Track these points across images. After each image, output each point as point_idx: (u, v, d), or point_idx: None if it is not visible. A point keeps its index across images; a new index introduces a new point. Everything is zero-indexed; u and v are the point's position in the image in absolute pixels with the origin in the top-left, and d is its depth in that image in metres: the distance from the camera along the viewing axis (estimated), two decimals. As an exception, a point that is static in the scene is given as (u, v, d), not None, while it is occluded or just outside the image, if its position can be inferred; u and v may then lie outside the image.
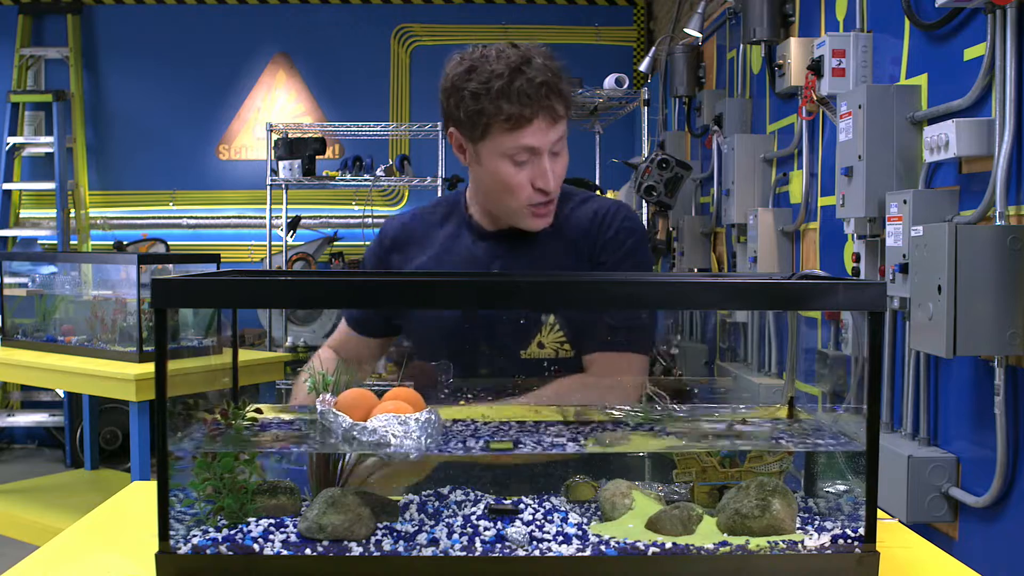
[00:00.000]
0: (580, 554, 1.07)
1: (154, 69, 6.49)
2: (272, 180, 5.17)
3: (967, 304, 2.13)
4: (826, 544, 1.09)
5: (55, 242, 6.33)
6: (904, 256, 2.43)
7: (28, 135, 6.46)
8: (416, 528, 1.13)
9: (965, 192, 2.41)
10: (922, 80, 2.63)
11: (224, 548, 1.08)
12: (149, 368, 3.29)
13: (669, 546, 1.08)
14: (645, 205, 4.32)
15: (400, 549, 1.08)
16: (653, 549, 1.08)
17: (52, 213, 6.35)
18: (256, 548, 1.08)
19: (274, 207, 5.32)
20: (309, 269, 5.76)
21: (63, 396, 6.02)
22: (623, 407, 1.33)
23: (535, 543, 1.09)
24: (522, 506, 1.19)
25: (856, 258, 2.81)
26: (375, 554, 1.08)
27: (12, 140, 6.30)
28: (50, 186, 6.25)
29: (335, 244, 6.23)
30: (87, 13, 6.52)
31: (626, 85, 4.63)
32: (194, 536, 1.10)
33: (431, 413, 1.13)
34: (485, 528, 1.12)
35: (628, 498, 1.17)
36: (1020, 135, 2.17)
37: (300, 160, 5.11)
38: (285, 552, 1.08)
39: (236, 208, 6.55)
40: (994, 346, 2.14)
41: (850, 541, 1.10)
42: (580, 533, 1.11)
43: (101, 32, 6.54)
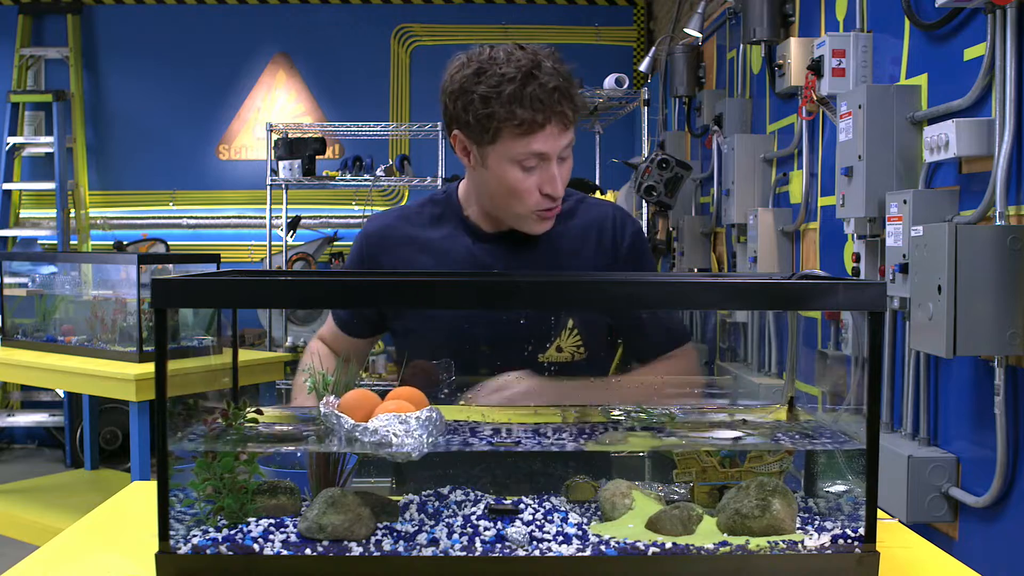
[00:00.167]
0: (580, 554, 1.07)
1: (154, 69, 6.49)
2: (272, 180, 5.17)
3: (967, 304, 2.13)
4: (826, 544, 1.09)
5: (55, 242, 6.33)
6: (904, 256, 2.43)
7: (28, 135, 6.46)
8: (416, 528, 1.13)
9: (965, 192, 2.41)
10: (922, 80, 2.63)
11: (224, 548, 1.08)
12: (149, 368, 3.29)
13: (669, 546, 1.08)
14: (645, 205, 4.32)
15: (400, 549, 1.08)
16: (653, 549, 1.08)
17: (52, 213, 6.35)
18: (256, 548, 1.08)
19: (274, 207, 5.32)
20: (309, 269, 5.76)
21: (63, 396, 6.02)
22: (629, 407, 1.33)
23: (535, 543, 1.09)
24: (522, 506, 1.19)
25: (856, 258, 2.81)
26: (375, 554, 1.08)
27: (12, 140, 6.30)
28: (50, 186, 6.25)
29: (335, 244, 6.23)
30: (87, 13, 6.52)
31: (626, 85, 4.63)
32: (194, 536, 1.10)
33: (432, 411, 1.13)
34: (485, 528, 1.12)
35: (628, 498, 1.17)
36: (1020, 135, 2.17)
37: (300, 160, 5.11)
38: (285, 552, 1.08)
39: (236, 208, 6.55)
40: (994, 346, 2.14)
41: (850, 541, 1.10)
42: (580, 533, 1.11)
43: (101, 32, 6.54)
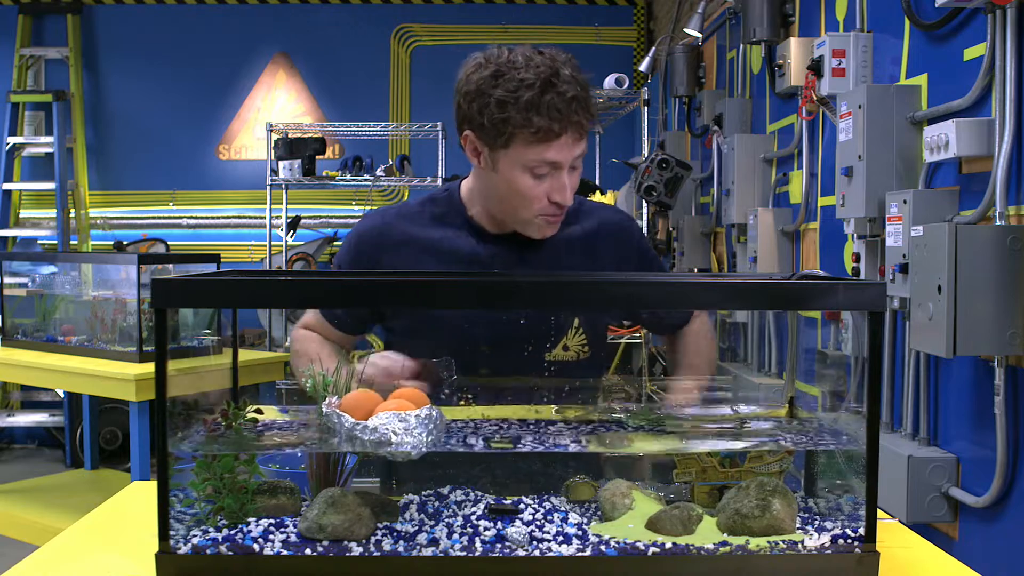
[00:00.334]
0: (580, 554, 1.07)
1: (154, 69, 6.49)
2: (272, 180, 5.17)
3: (967, 304, 2.13)
4: (826, 544, 1.09)
5: (55, 242, 6.33)
6: (904, 256, 2.43)
7: (28, 135, 6.46)
8: (416, 528, 1.13)
9: (965, 192, 2.41)
10: (922, 80, 2.63)
11: (224, 548, 1.08)
12: (149, 368, 3.29)
13: (669, 546, 1.08)
14: (645, 205, 4.32)
15: (400, 549, 1.08)
16: (653, 549, 1.08)
17: (52, 213, 6.35)
18: (256, 548, 1.08)
19: (274, 207, 5.32)
20: (309, 269, 5.76)
21: (63, 396, 6.02)
22: (627, 406, 1.33)
23: (535, 543, 1.09)
24: (522, 506, 1.19)
25: (856, 258, 2.81)
26: (375, 554, 1.08)
27: (12, 140, 6.30)
28: (50, 186, 6.25)
29: (335, 244, 6.23)
30: (87, 13, 6.52)
31: (626, 85, 4.63)
32: (194, 536, 1.10)
33: (432, 410, 1.13)
34: (485, 528, 1.12)
35: (628, 498, 1.17)
36: (1020, 135, 2.17)
37: (300, 160, 5.11)
38: (285, 552, 1.08)
39: (236, 208, 6.55)
40: (994, 346, 2.14)
41: (850, 541, 1.10)
42: (580, 533, 1.11)
43: (101, 32, 6.54)
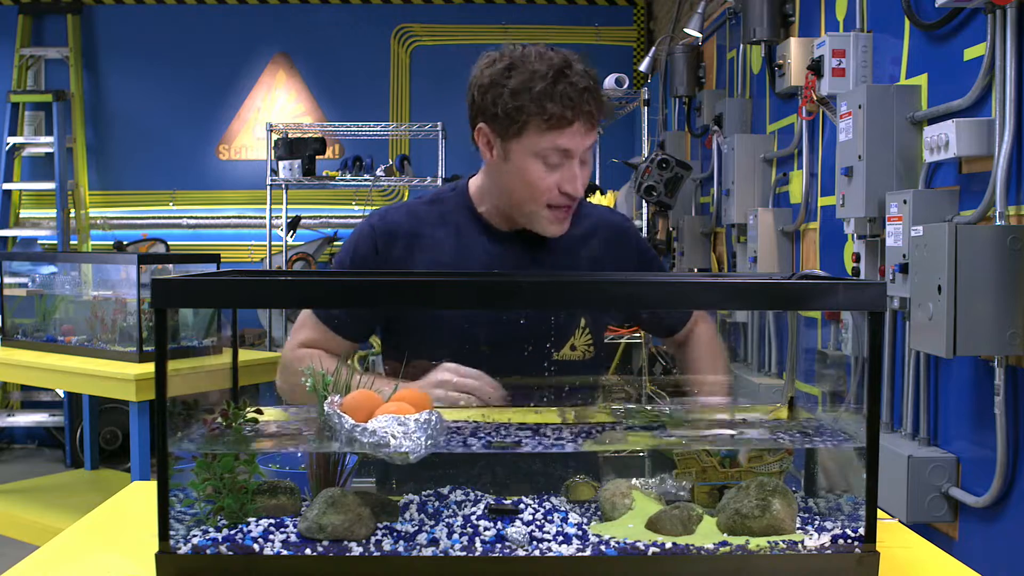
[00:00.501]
0: (580, 554, 1.07)
1: (154, 69, 6.49)
2: (272, 180, 5.17)
3: (967, 304, 2.13)
4: (826, 544, 1.09)
5: (55, 242, 6.33)
6: (904, 256, 2.43)
7: (28, 135, 6.46)
8: (416, 528, 1.13)
9: (965, 192, 2.41)
10: (922, 80, 2.63)
11: (224, 548, 1.08)
12: (149, 368, 3.29)
13: (669, 546, 1.08)
14: (645, 205, 4.32)
15: (400, 549, 1.08)
16: (653, 549, 1.08)
17: (52, 213, 6.35)
18: (256, 548, 1.08)
19: (274, 207, 5.32)
20: (309, 269, 5.76)
21: (63, 396, 6.02)
22: (627, 406, 1.33)
23: (535, 543, 1.09)
24: (522, 506, 1.19)
25: (856, 258, 2.81)
26: (375, 554, 1.08)
27: (12, 140, 6.30)
28: (50, 186, 6.25)
29: (335, 244, 6.23)
30: (87, 13, 6.52)
31: (626, 85, 4.63)
32: (194, 536, 1.10)
33: (431, 414, 1.12)
34: (485, 528, 1.12)
35: (628, 498, 1.17)
36: (1020, 135, 2.17)
37: (300, 160, 5.11)
38: (285, 552, 1.08)
39: (236, 208, 6.55)
40: (994, 346, 2.14)
41: (850, 541, 1.10)
42: (580, 533, 1.11)
43: (101, 32, 6.54)
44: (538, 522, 1.14)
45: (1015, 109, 2.17)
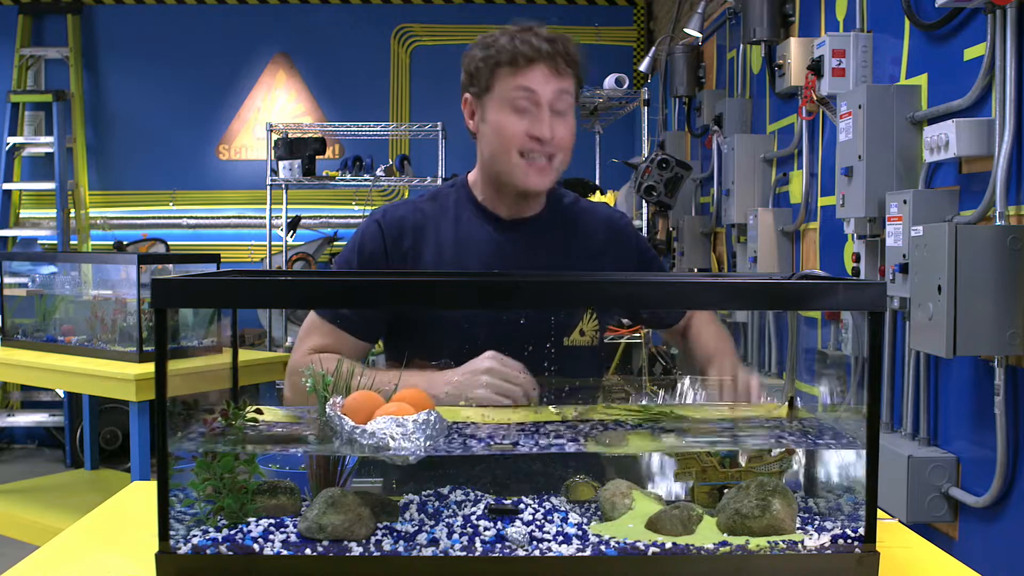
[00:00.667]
0: (580, 554, 1.07)
1: (154, 69, 6.49)
2: (272, 180, 5.17)
3: (967, 304, 2.13)
4: (826, 544, 1.09)
5: (55, 242, 6.33)
6: (904, 256, 2.43)
7: (28, 135, 6.46)
8: (416, 528, 1.13)
9: (965, 192, 2.41)
10: (922, 80, 2.63)
11: (224, 548, 1.08)
12: (149, 368, 3.29)
13: (669, 546, 1.08)
14: (645, 205, 4.32)
15: (400, 549, 1.08)
16: (653, 549, 1.08)
17: (52, 213, 6.35)
18: (256, 548, 1.08)
19: (274, 207, 5.32)
20: (309, 269, 5.76)
21: (63, 396, 6.02)
22: (626, 406, 1.33)
23: (535, 543, 1.09)
24: (522, 506, 1.19)
25: (856, 258, 2.81)
26: (375, 554, 1.08)
27: (12, 140, 6.30)
28: (50, 186, 6.25)
29: (335, 244, 6.23)
30: (87, 13, 6.52)
31: (626, 85, 4.63)
32: (194, 536, 1.10)
33: (430, 414, 1.12)
34: (485, 528, 1.12)
35: (628, 498, 1.17)
36: (1020, 135, 2.17)
37: (300, 160, 5.11)
38: (285, 552, 1.08)
39: (236, 208, 6.55)
40: (994, 346, 2.14)
41: (850, 541, 1.10)
42: (580, 533, 1.11)
43: (101, 32, 6.54)
44: (538, 522, 1.14)
45: (1015, 109, 2.17)
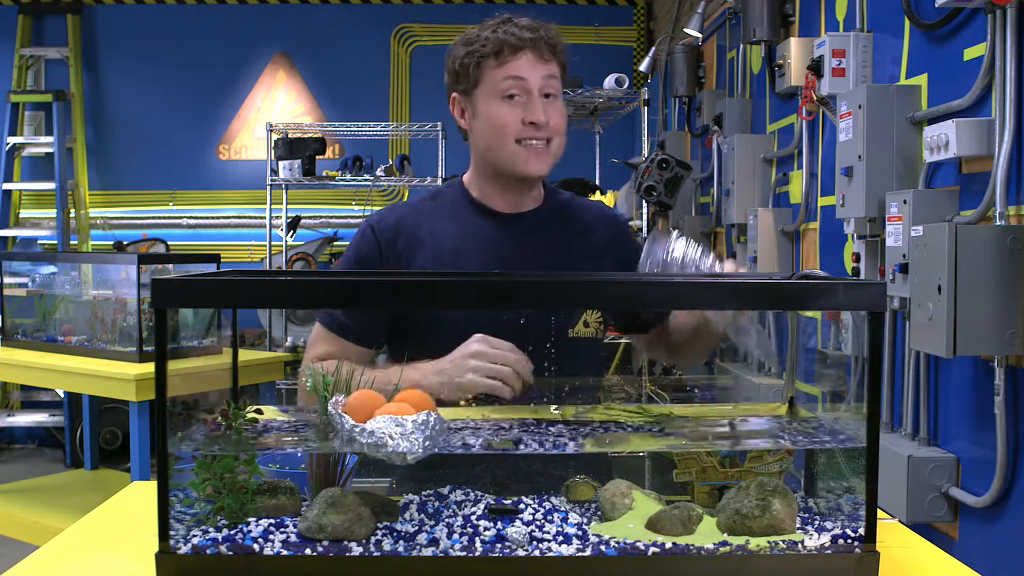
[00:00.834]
0: (580, 554, 1.07)
1: (154, 69, 6.49)
2: (272, 180, 5.16)
3: (967, 304, 2.13)
4: (826, 544, 1.09)
5: (55, 242, 6.33)
6: (904, 256, 2.43)
7: (28, 135, 6.46)
8: (416, 528, 1.13)
9: (965, 192, 2.41)
10: (922, 80, 2.63)
11: (224, 548, 1.08)
12: (149, 368, 3.29)
13: (669, 546, 1.08)
14: (645, 205, 4.32)
15: (400, 549, 1.08)
16: (653, 549, 1.08)
17: (52, 213, 6.35)
18: (256, 548, 1.08)
19: (274, 207, 5.32)
20: (309, 269, 5.76)
21: (63, 396, 6.02)
22: (625, 406, 1.33)
23: (535, 543, 1.09)
24: (522, 506, 1.19)
25: (856, 258, 2.81)
26: (375, 554, 1.08)
27: (12, 140, 6.30)
28: (50, 186, 6.25)
29: (335, 244, 6.23)
30: (87, 13, 6.52)
31: (626, 85, 4.63)
32: (194, 536, 1.10)
33: (429, 415, 1.12)
34: (485, 528, 1.12)
35: (628, 498, 1.17)
36: (1020, 135, 2.17)
37: (300, 160, 5.10)
38: (285, 552, 1.08)
39: (236, 208, 6.55)
40: (994, 346, 2.14)
41: (850, 541, 1.10)
42: (580, 533, 1.11)
43: (101, 32, 6.54)
44: (538, 522, 1.14)
45: (1015, 109, 2.17)
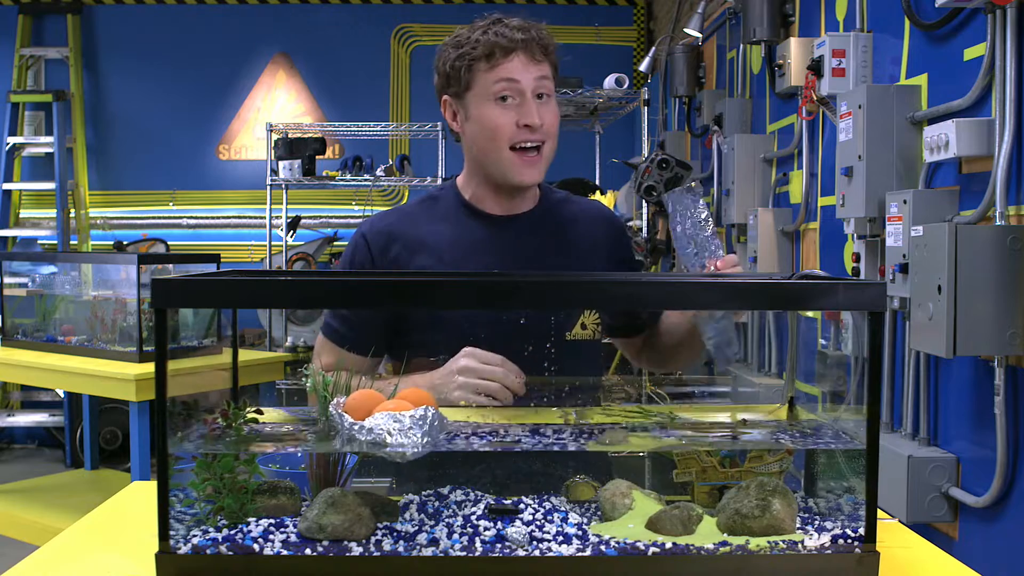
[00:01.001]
0: (580, 554, 1.07)
1: (154, 69, 6.49)
2: (272, 180, 5.16)
3: (967, 304, 2.13)
4: (826, 544, 1.09)
5: (55, 242, 6.33)
6: (904, 256, 2.43)
7: (28, 135, 6.46)
8: (416, 528, 1.13)
9: (965, 192, 2.40)
10: (922, 80, 2.63)
11: (224, 548, 1.08)
12: (149, 368, 3.29)
13: (669, 546, 1.08)
14: (645, 205, 4.32)
15: (400, 549, 1.08)
16: (653, 549, 1.08)
17: (52, 213, 6.35)
18: (256, 548, 1.08)
19: (274, 207, 5.32)
20: (309, 269, 5.76)
21: (63, 396, 6.02)
22: (625, 406, 1.33)
23: (535, 543, 1.09)
24: (522, 506, 1.19)
25: (856, 258, 2.81)
26: (375, 554, 1.08)
27: (12, 140, 6.30)
28: (50, 186, 6.25)
29: (335, 244, 6.23)
30: (87, 13, 6.52)
31: (626, 85, 4.63)
32: (194, 536, 1.10)
33: (427, 410, 1.12)
34: (485, 528, 1.12)
35: (628, 498, 1.17)
36: (1020, 135, 2.17)
37: (300, 160, 5.10)
38: (285, 552, 1.08)
39: (236, 208, 6.55)
40: (994, 346, 2.14)
41: (850, 541, 1.10)
42: (580, 533, 1.11)
43: (101, 32, 6.54)
44: (538, 522, 1.14)
45: (1015, 109, 2.17)
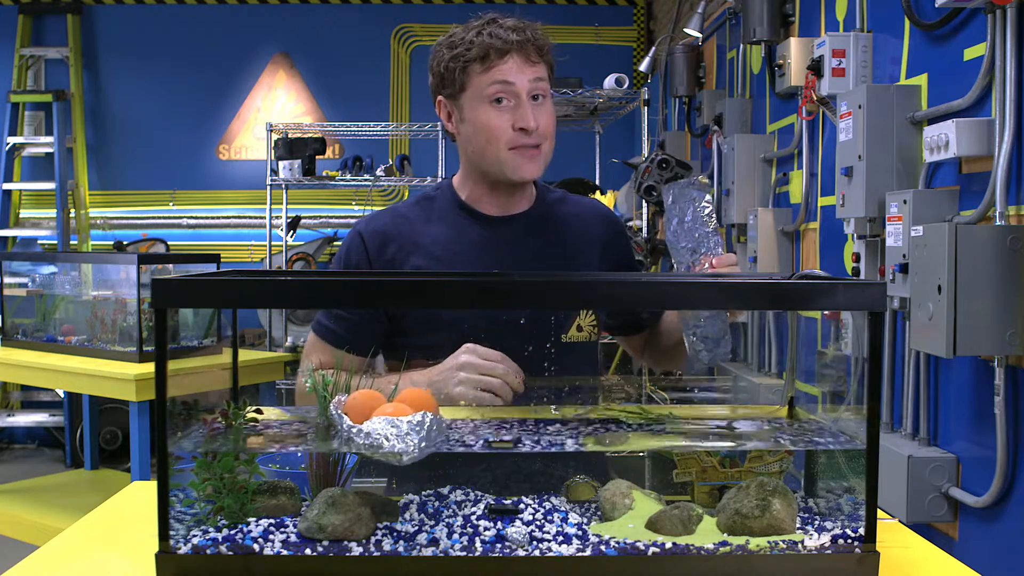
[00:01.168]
0: (580, 554, 1.07)
1: (154, 69, 6.49)
2: (272, 180, 5.16)
3: (967, 304, 2.13)
4: (826, 544, 1.09)
5: (55, 242, 6.33)
6: (904, 256, 2.43)
7: (28, 135, 6.46)
8: (416, 528, 1.13)
9: (965, 192, 2.41)
10: (922, 80, 2.63)
11: (224, 548, 1.08)
12: (149, 368, 3.30)
13: (669, 546, 1.08)
14: (645, 205, 4.32)
15: (400, 549, 1.08)
16: (653, 549, 1.08)
17: (52, 213, 6.35)
18: (256, 548, 1.08)
19: (274, 207, 5.32)
20: (309, 269, 5.76)
21: (63, 396, 6.02)
22: (625, 406, 1.33)
23: (535, 543, 1.09)
24: (522, 506, 1.19)
25: (856, 258, 2.81)
26: (375, 554, 1.08)
27: (12, 140, 6.30)
28: (50, 186, 6.25)
29: (335, 244, 6.23)
30: (87, 13, 6.51)
31: (626, 85, 4.63)
32: (194, 536, 1.10)
33: (425, 416, 1.12)
34: (485, 528, 1.12)
35: (628, 498, 1.17)
36: (1020, 135, 2.17)
37: (300, 160, 5.10)
38: (285, 552, 1.08)
39: (236, 208, 6.55)
40: (994, 346, 2.14)
41: (850, 541, 1.10)
42: (580, 533, 1.11)
43: (101, 32, 6.54)
44: (538, 522, 1.14)
45: (1015, 109, 2.17)
